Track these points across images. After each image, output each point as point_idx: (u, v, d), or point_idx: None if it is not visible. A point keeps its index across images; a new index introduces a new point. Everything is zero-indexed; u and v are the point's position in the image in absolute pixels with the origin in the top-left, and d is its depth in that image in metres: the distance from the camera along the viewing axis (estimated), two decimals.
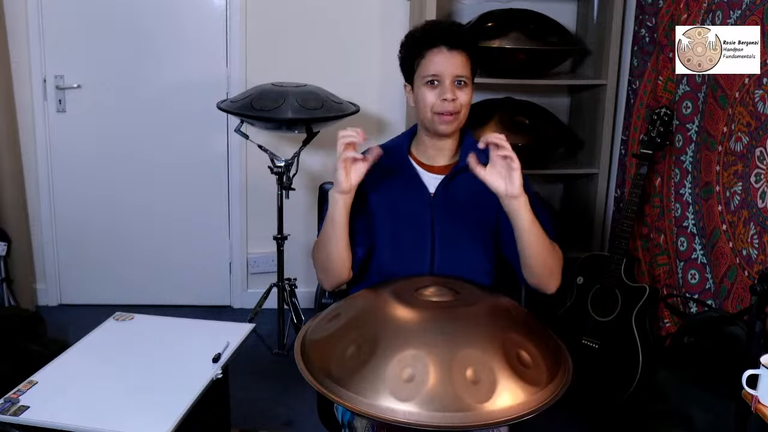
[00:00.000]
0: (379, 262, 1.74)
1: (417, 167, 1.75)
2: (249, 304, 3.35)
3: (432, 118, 1.66)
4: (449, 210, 1.70)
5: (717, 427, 1.96)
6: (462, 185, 1.71)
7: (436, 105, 1.64)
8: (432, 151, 1.74)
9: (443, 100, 1.63)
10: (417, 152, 1.77)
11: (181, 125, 3.34)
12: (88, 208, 3.39)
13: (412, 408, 1.18)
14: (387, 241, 1.73)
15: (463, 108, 1.66)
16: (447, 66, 1.63)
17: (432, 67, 1.64)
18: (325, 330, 1.41)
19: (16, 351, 2.50)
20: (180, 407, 1.62)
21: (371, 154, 1.61)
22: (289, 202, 2.95)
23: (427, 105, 1.66)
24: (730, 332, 2.10)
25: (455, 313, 1.37)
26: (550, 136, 3.11)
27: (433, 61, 1.64)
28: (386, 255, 1.72)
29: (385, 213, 1.72)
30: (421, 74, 1.66)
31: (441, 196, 1.71)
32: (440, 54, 1.63)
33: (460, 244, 1.70)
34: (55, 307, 3.47)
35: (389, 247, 1.72)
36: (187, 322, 2.12)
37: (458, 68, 1.63)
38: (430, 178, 1.73)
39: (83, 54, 3.23)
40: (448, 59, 1.63)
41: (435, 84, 1.64)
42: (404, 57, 1.72)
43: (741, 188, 2.16)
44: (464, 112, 1.67)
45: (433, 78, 1.64)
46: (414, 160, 1.76)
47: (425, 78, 1.65)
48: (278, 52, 3.27)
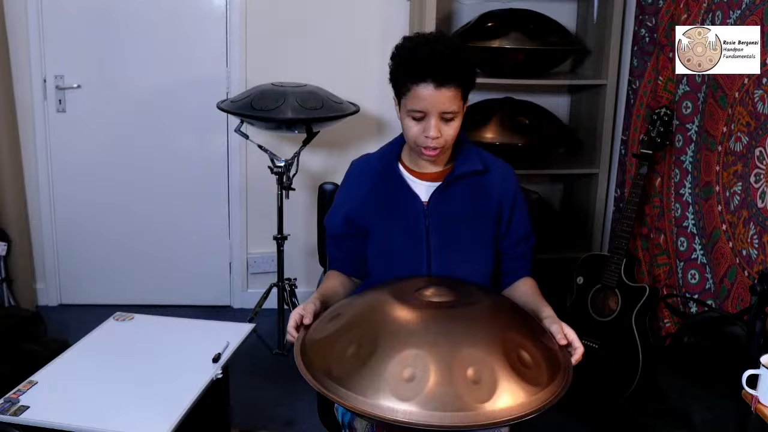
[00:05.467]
0: (375, 274, 1.72)
1: (407, 176, 1.69)
2: (249, 304, 3.35)
3: (415, 148, 1.60)
4: (445, 219, 1.66)
5: (717, 427, 1.97)
6: (459, 193, 1.66)
7: (419, 139, 1.56)
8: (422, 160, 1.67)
9: (426, 136, 1.55)
10: (408, 160, 1.71)
11: (181, 125, 3.34)
12: (88, 208, 3.39)
13: (412, 408, 1.18)
14: (382, 254, 1.70)
15: (449, 141, 1.58)
16: (434, 103, 1.51)
17: (418, 103, 1.52)
18: (325, 330, 1.41)
19: (16, 351, 2.51)
20: (180, 407, 1.62)
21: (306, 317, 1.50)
22: (289, 202, 2.95)
23: (410, 137, 1.58)
24: (730, 332, 2.10)
25: (455, 313, 1.37)
26: (550, 136, 3.11)
27: (419, 97, 1.51)
28: (382, 267, 1.70)
29: (378, 227, 1.68)
30: (406, 106, 1.55)
31: (435, 204, 1.66)
32: (427, 90, 1.50)
33: (457, 253, 1.66)
34: (55, 307, 3.47)
35: (384, 260, 1.70)
36: (187, 322, 2.12)
37: (446, 104, 1.52)
38: (422, 186, 1.68)
39: (83, 54, 3.23)
40: (436, 96, 1.50)
41: (420, 119, 1.54)
42: (393, 75, 1.61)
43: (741, 188, 2.16)
44: (450, 143, 1.60)
45: (419, 113, 1.53)
46: (405, 169, 1.70)
47: (410, 111, 1.54)
48: (278, 52, 3.27)
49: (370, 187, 1.70)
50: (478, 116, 3.06)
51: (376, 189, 1.69)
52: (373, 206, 1.68)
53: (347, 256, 1.76)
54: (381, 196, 1.67)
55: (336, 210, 1.76)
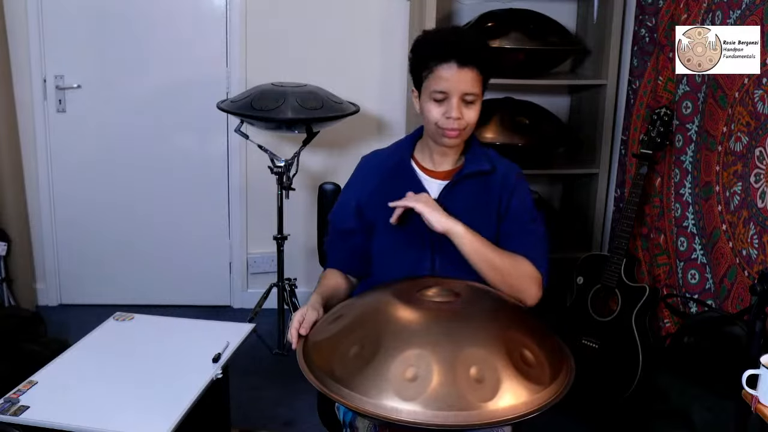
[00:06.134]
0: (380, 269, 1.72)
1: (420, 173, 1.71)
2: (249, 304, 3.35)
3: (436, 131, 1.63)
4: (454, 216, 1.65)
5: (717, 427, 1.97)
6: (465, 191, 1.68)
7: (440, 121, 1.60)
8: (437, 157, 1.71)
9: (448, 117, 1.59)
10: (421, 157, 1.73)
11: (181, 125, 3.34)
12: (88, 208, 3.39)
13: (416, 407, 1.18)
14: (387, 250, 1.71)
15: (470, 125, 1.63)
16: (456, 83, 1.56)
17: (440, 84, 1.57)
18: (328, 331, 1.41)
19: (16, 351, 2.51)
20: (180, 407, 1.62)
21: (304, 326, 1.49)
22: (289, 202, 2.95)
23: (431, 119, 1.62)
24: (730, 332, 2.10)
25: (458, 313, 1.37)
26: (550, 136, 3.11)
27: (442, 77, 1.57)
28: (386, 264, 1.71)
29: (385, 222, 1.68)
30: (428, 88, 1.60)
31: (443, 201, 1.67)
32: (450, 70, 1.56)
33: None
34: (55, 307, 3.47)
35: (389, 256, 1.70)
36: (187, 322, 2.12)
37: (468, 85, 1.57)
38: (434, 183, 1.70)
39: (83, 54, 3.23)
40: (458, 76, 1.56)
41: (442, 100, 1.59)
42: (413, 64, 1.65)
43: (741, 188, 2.16)
44: (470, 128, 1.64)
45: (441, 95, 1.59)
46: (417, 166, 1.73)
47: (432, 93, 1.59)
48: (278, 52, 3.27)
49: (378, 182, 1.71)
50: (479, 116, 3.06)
51: (385, 184, 1.70)
52: (380, 201, 1.68)
53: (351, 253, 1.75)
54: (389, 191, 1.67)
55: (344, 204, 1.77)
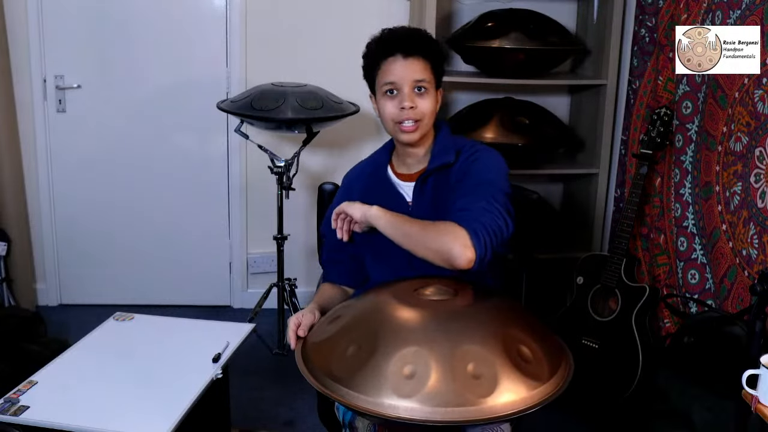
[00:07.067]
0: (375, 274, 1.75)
1: (394, 179, 1.74)
2: (249, 304, 3.35)
3: (394, 128, 1.65)
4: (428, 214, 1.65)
5: (717, 427, 1.96)
6: (436, 186, 1.69)
7: (395, 115, 1.63)
8: (408, 159, 1.72)
9: (402, 108, 1.61)
10: (397, 163, 1.76)
11: (181, 125, 3.35)
12: (88, 208, 3.39)
13: (414, 404, 1.18)
14: (376, 256, 1.73)
15: (426, 116, 1.63)
16: (404, 73, 1.61)
17: (388, 76, 1.62)
18: (326, 332, 1.41)
19: (16, 351, 2.51)
20: (180, 407, 1.62)
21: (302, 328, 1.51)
22: (289, 202, 2.95)
23: (387, 116, 1.64)
24: (730, 332, 2.10)
25: (455, 311, 1.37)
26: (550, 136, 3.11)
27: (390, 70, 1.62)
28: (378, 269, 1.73)
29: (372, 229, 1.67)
30: (379, 84, 1.64)
31: (417, 202, 1.69)
32: (396, 62, 1.61)
33: None
34: (55, 307, 3.47)
35: (379, 261, 1.72)
36: (187, 322, 2.12)
37: (417, 73, 1.61)
38: (408, 187, 1.71)
39: (83, 54, 3.23)
40: (405, 65, 1.61)
41: (394, 93, 1.63)
42: (365, 68, 1.70)
43: (741, 188, 2.16)
44: (428, 120, 1.64)
45: (391, 87, 1.62)
46: (393, 173, 1.75)
47: (384, 87, 1.63)
48: (278, 52, 3.27)
49: (361, 193, 1.73)
50: (478, 116, 3.06)
51: (366, 194, 1.72)
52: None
53: (348, 267, 1.78)
54: (372, 201, 1.68)
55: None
